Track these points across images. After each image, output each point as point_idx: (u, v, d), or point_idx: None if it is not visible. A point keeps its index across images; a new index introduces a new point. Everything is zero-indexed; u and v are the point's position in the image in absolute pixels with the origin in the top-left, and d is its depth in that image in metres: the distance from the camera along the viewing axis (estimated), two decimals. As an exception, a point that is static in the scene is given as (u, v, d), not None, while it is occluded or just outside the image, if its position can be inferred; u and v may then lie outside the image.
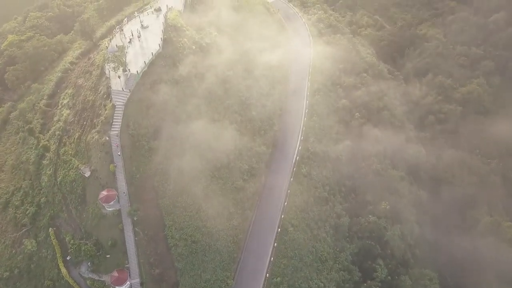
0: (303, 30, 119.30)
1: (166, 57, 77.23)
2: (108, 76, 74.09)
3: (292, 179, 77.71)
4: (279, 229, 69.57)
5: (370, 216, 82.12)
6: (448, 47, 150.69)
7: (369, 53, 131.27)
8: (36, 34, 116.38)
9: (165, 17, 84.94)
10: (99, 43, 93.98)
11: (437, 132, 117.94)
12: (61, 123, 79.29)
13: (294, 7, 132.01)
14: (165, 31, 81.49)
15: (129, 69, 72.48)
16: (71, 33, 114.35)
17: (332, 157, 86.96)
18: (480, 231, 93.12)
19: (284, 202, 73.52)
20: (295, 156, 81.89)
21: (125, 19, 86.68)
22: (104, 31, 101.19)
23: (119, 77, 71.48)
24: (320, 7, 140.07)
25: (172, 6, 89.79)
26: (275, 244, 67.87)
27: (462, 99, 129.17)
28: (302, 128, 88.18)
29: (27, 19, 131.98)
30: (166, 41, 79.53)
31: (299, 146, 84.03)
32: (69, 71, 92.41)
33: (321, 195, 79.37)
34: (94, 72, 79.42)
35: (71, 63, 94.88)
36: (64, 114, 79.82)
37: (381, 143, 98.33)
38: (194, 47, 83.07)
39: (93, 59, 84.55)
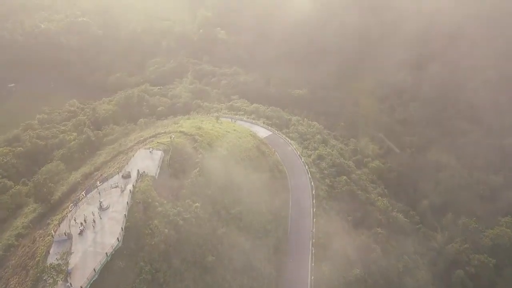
0: (303, 174, 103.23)
1: (127, 256, 58.72)
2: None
3: None
4: None
5: None
6: (465, 176, 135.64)
7: (379, 193, 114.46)
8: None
9: (132, 190, 68.15)
10: (64, 213, 75.71)
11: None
12: None
13: (291, 142, 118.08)
14: (129, 213, 64.07)
15: (70, 284, 53.30)
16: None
17: None
18: None
19: None
20: None
21: (83, 193, 69.86)
22: (66, 190, 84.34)
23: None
24: (320, 139, 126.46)
25: (144, 171, 73.98)
26: None
27: (492, 246, 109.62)
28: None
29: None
30: (128, 230, 61.70)
31: None
32: (11, 249, 73.22)
33: None
34: (31, 272, 60.13)
35: (18, 235, 76.19)
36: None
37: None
38: (166, 230, 64.94)
39: (34, 248, 65.84)
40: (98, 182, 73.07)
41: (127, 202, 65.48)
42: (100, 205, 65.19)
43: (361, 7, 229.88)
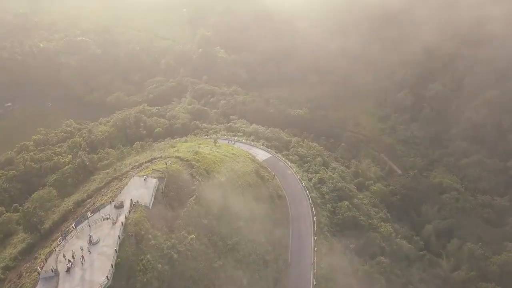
0: (304, 199, 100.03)
1: (116, 296, 55.24)
2: None
3: None
4: None
5: None
6: (469, 198, 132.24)
7: (382, 218, 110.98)
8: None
9: (125, 222, 64.88)
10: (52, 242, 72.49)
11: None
12: None
13: (291, 165, 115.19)
14: (120, 248, 60.71)
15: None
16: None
17: None
18: None
19: None
20: None
21: (73, 225, 66.49)
22: (57, 218, 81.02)
23: None
24: (321, 161, 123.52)
25: (138, 201, 70.81)
26: None
27: (501, 273, 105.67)
28: None
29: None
30: (119, 267, 58.26)
31: None
32: (-2, 284, 69.67)
33: None
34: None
35: (5, 268, 72.58)
36: None
37: None
38: (160, 265, 61.48)
39: (20, 284, 62.28)
40: (89, 213, 69.79)
41: (119, 236, 62.18)
42: (89, 239, 61.84)
43: (361, 28, 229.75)
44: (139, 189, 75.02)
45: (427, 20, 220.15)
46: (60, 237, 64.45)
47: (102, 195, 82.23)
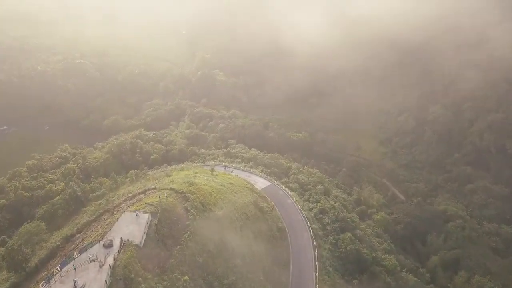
0: (305, 231, 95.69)
1: None
2: None
3: None
4: None
5: None
6: (475, 227, 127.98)
7: (385, 249, 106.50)
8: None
9: (113, 265, 60.65)
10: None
11: None
12: None
13: (291, 193, 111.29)
14: (107, 295, 56.43)
15: None
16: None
17: None
18: None
19: None
20: None
21: (58, 267, 62.24)
22: (43, 255, 76.59)
23: None
24: (322, 189, 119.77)
25: (128, 239, 66.66)
26: None
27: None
28: None
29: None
30: (105, 316, 53.94)
31: None
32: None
33: None
34: None
35: (-15, 311, 68.27)
36: None
37: None
38: (150, 314, 57.07)
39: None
40: (75, 252, 65.61)
41: (106, 280, 57.86)
42: (74, 284, 57.46)
43: (361, 50, 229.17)
44: (130, 226, 70.92)
45: (428, 41, 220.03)
46: (44, 281, 60.07)
47: (92, 230, 78.10)
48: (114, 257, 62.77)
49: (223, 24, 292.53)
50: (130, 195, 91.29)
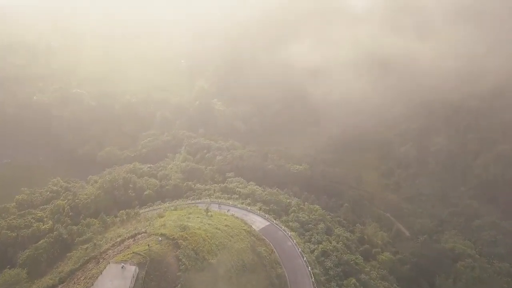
0: (306, 277, 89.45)
1: None
2: None
3: None
4: None
5: None
6: (485, 266, 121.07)
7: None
8: None
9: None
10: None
11: None
12: None
13: (291, 234, 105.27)
14: None
15: None
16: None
17: None
18: None
19: None
20: None
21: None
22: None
23: None
24: (324, 228, 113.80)
25: (113, 296, 60.85)
26: None
27: None
28: None
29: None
30: None
31: None
32: None
33: None
34: None
35: None
36: None
37: None
38: None
39: None
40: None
41: None
42: None
43: (363, 78, 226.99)
44: (115, 281, 65.02)
45: (431, 70, 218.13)
46: None
47: (74, 282, 71.96)
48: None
49: (222, 54, 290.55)
50: (118, 239, 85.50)
